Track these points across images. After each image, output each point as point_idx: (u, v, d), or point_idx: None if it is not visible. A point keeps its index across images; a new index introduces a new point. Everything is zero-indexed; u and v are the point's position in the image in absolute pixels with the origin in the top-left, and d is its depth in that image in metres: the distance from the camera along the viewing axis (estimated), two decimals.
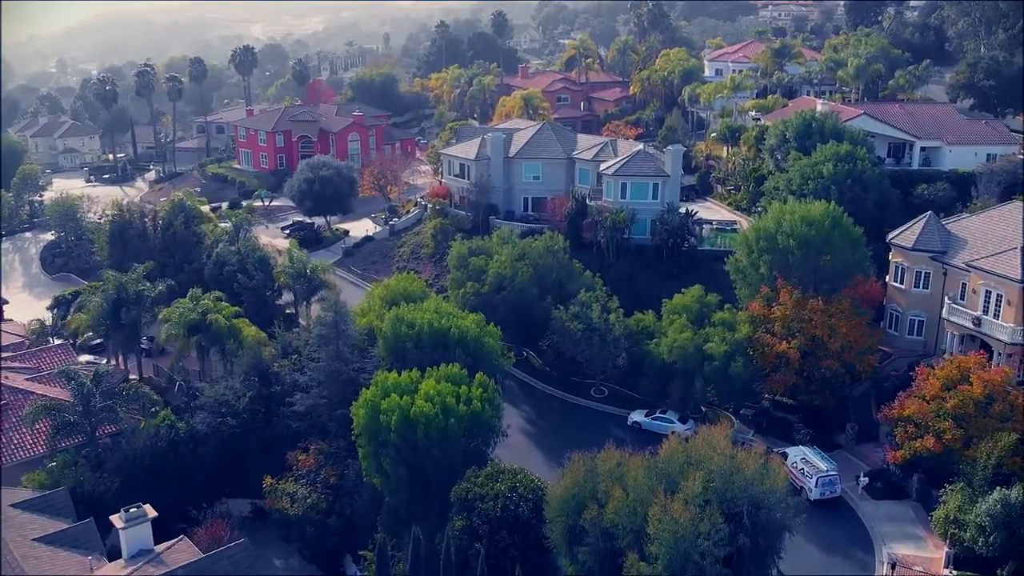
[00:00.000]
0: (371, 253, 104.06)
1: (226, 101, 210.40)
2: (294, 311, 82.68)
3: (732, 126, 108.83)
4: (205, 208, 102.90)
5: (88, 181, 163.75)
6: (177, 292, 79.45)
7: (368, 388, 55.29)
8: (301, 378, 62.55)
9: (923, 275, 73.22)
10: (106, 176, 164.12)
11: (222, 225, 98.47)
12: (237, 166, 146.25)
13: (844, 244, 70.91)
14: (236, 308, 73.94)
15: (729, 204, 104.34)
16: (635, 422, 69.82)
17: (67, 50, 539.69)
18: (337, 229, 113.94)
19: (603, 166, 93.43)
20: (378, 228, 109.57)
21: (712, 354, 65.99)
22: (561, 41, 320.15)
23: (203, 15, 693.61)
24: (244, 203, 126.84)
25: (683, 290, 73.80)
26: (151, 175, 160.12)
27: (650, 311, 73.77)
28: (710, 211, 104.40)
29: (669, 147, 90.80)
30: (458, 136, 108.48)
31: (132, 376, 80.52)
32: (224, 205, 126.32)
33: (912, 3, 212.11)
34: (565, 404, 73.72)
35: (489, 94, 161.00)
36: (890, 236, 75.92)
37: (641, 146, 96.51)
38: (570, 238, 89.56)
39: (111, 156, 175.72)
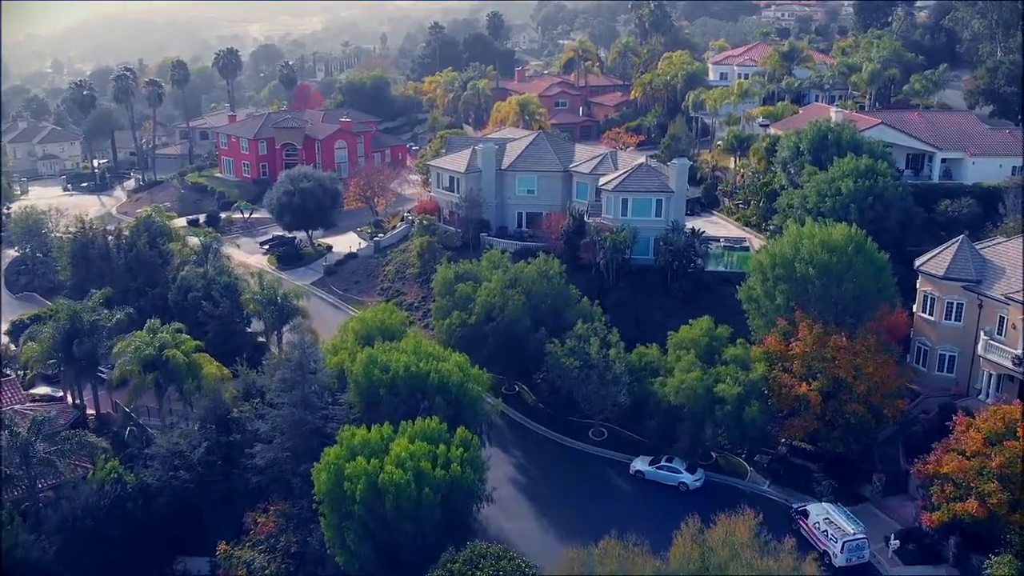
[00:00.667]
0: (354, 271, 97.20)
1: (213, 105, 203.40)
2: (265, 340, 75.73)
3: (740, 136, 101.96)
4: (177, 223, 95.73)
5: (66, 190, 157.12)
6: (137, 321, 72.67)
7: (334, 445, 48.52)
8: (263, 426, 55.64)
9: (955, 306, 66.31)
10: (84, 184, 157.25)
11: (193, 241, 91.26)
12: (219, 175, 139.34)
13: (868, 272, 64.08)
14: (197, 342, 67.05)
15: (737, 219, 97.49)
16: (638, 471, 62.93)
17: (64, 50, 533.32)
18: (320, 244, 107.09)
19: (602, 181, 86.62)
20: (363, 243, 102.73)
21: (724, 397, 59.14)
22: (560, 42, 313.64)
23: (202, 15, 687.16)
24: (223, 215, 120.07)
25: (690, 321, 66.93)
26: (131, 183, 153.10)
27: (654, 344, 66.92)
28: (717, 226, 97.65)
29: (673, 161, 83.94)
30: (448, 146, 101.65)
31: (89, 411, 74.10)
32: (202, 218, 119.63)
33: (920, 3, 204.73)
34: (560, 448, 66.82)
35: (484, 98, 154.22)
36: (918, 262, 69.04)
37: (643, 159, 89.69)
38: (567, 259, 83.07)
39: (93, 163, 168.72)
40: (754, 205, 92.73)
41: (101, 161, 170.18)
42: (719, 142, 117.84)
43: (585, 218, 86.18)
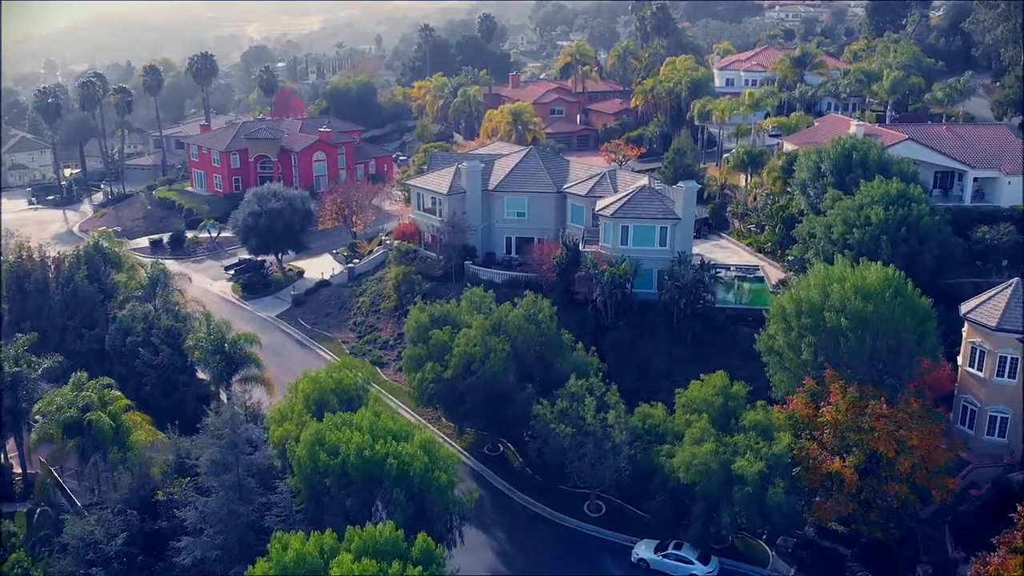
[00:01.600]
0: (326, 302, 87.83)
1: (193, 111, 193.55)
2: (214, 392, 66.27)
3: (752, 152, 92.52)
4: (128, 248, 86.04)
5: (31, 203, 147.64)
6: (71, 368, 63.40)
7: (271, 547, 39.21)
8: (190, 515, 46.27)
9: (1009, 361, 56.92)
10: (51, 197, 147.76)
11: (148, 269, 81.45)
12: (190, 188, 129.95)
13: (909, 322, 54.87)
14: (127, 402, 57.78)
15: (750, 244, 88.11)
16: (642, 559, 53.57)
17: (60, 50, 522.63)
18: (291, 269, 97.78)
19: (600, 205, 77.34)
20: (335, 270, 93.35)
21: (743, 475, 49.83)
22: (559, 43, 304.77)
23: (201, 15, 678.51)
24: (189, 235, 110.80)
25: (702, 376, 57.60)
26: (99, 197, 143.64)
27: (660, 404, 57.54)
28: (727, 252, 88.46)
29: (680, 184, 74.55)
30: (431, 163, 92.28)
31: (16, 471, 64.99)
32: (166, 237, 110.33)
33: (935, 2, 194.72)
34: (551, 526, 57.36)
35: (475, 106, 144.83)
36: (965, 309, 59.63)
37: (645, 180, 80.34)
38: (559, 292, 74.21)
39: (66, 173, 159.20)
40: (769, 230, 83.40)
41: (72, 171, 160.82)
42: (727, 157, 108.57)
43: (581, 246, 77.00)
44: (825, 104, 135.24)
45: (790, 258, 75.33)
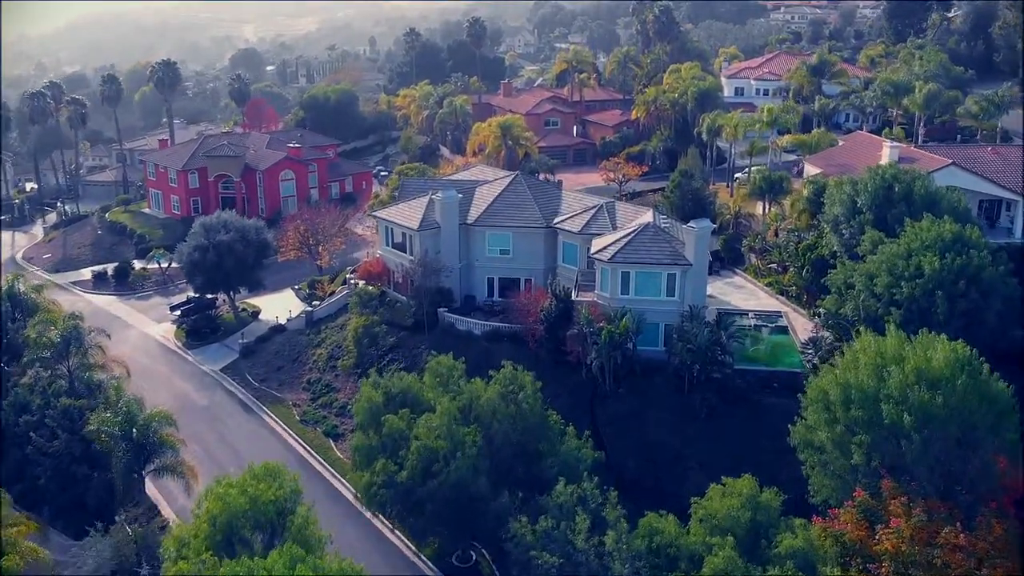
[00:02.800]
0: (278, 352, 75.96)
1: (163, 120, 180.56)
2: (120, 487, 54.35)
3: (771, 177, 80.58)
4: (45, 296, 73.60)
5: None
6: None
7: None
8: None
9: None
10: (3, 218, 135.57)
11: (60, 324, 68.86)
12: (146, 210, 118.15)
13: (984, 415, 43.18)
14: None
15: (770, 284, 76.27)
16: None
17: (53, 51, 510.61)
18: (244, 308, 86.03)
19: (596, 245, 65.56)
20: (291, 312, 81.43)
21: None
22: (557, 45, 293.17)
23: (196, 16, 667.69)
24: (138, 265, 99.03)
25: (724, 479, 45.76)
26: (52, 217, 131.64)
27: (671, 516, 45.63)
28: (743, 293, 76.88)
29: (691, 224, 62.57)
30: (402, 190, 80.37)
31: None
32: (111, 268, 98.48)
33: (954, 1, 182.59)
34: None
35: (463, 117, 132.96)
36: None
37: (649, 215, 68.46)
38: (548, 350, 62.94)
39: (28, 187, 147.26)
40: (795, 273, 71.46)
41: (30, 188, 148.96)
42: (741, 179, 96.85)
43: (574, 294, 65.26)
44: (843, 116, 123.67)
45: (822, 310, 63.40)
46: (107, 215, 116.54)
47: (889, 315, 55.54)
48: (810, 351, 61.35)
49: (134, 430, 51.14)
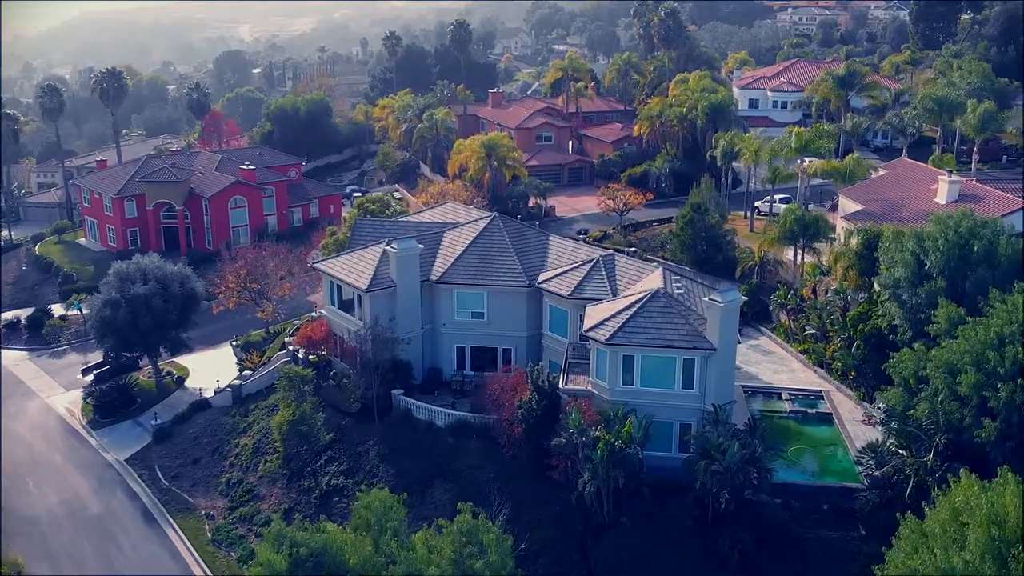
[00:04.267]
0: (197, 438, 61.17)
1: (124, 132, 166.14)
2: None
3: (804, 219, 65.83)
4: None
5: None
6: None
7: None
8: None
9: None
10: None
11: None
12: (82, 241, 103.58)
13: None
14: None
15: (805, 352, 61.69)
16: None
17: (46, 52, 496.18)
18: (169, 372, 71.47)
19: (590, 318, 50.90)
20: (219, 384, 66.63)
21: None
22: (555, 47, 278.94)
23: (191, 16, 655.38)
24: (57, 312, 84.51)
25: None
26: None
27: None
28: (771, 358, 63.00)
29: (715, 297, 47.73)
30: (353, 234, 65.56)
31: None
32: (24, 315, 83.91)
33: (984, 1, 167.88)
34: None
35: (445, 131, 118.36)
36: None
37: (659, 277, 53.74)
38: (527, 456, 48.81)
39: None
40: (841, 346, 56.69)
41: None
42: (763, 210, 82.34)
43: (561, 381, 50.76)
44: (871, 133, 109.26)
45: (882, 406, 48.83)
46: (36, 247, 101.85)
47: (981, 429, 41.22)
48: (869, 461, 46.85)
49: None
